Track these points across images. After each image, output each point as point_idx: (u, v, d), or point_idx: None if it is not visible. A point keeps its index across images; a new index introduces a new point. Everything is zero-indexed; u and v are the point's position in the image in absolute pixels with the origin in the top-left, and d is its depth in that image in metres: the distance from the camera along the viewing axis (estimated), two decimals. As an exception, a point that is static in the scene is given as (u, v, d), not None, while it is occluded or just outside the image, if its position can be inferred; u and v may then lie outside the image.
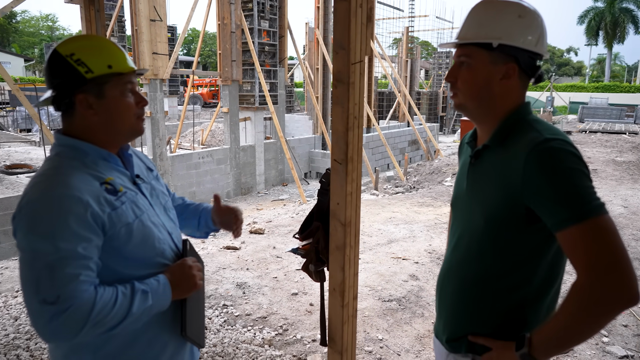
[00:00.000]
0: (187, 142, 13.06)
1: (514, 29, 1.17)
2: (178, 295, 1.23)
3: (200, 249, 5.39)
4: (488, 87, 1.20)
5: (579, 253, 1.02)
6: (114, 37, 11.88)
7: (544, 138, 1.09)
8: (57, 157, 1.18)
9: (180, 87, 22.45)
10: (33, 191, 1.09)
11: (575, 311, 1.02)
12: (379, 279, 4.39)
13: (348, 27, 1.76)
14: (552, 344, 1.08)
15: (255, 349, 3.09)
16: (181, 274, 1.25)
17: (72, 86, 1.15)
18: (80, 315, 1.01)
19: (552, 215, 1.05)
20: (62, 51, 1.16)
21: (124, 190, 1.19)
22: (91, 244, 1.07)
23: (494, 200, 1.17)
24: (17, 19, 51.22)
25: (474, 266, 1.25)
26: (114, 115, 1.20)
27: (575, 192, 1.02)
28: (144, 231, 1.20)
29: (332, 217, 1.97)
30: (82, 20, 3.36)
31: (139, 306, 1.11)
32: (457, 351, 1.29)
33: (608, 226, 1.01)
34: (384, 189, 11.05)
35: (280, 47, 11.07)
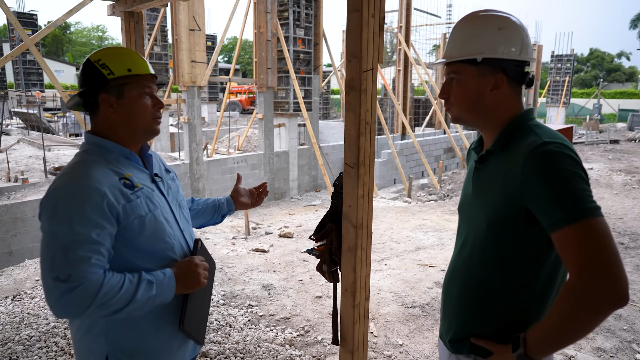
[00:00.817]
0: (223, 148, 13.42)
1: (495, 42, 1.22)
2: (182, 289, 1.32)
3: (230, 251, 5.56)
4: (480, 99, 1.26)
5: (571, 253, 1.04)
6: (157, 46, 12.41)
7: (542, 141, 1.12)
8: (84, 153, 1.32)
9: (220, 94, 23.10)
10: (59, 181, 1.22)
11: (567, 310, 1.04)
12: (404, 285, 4.39)
13: (360, 36, 1.83)
14: (546, 343, 1.10)
15: (276, 348, 3.17)
16: (187, 270, 1.32)
17: (97, 87, 1.30)
18: (87, 294, 1.12)
19: (547, 216, 1.08)
20: (92, 58, 1.33)
21: (141, 186, 1.32)
22: (104, 231, 1.19)
23: (496, 203, 1.20)
24: (71, 30, 54.23)
25: (477, 269, 1.28)
26: (131, 114, 1.33)
27: (571, 194, 1.05)
28: (156, 225, 1.31)
29: (345, 219, 2.04)
30: (122, 31, 3.59)
31: (143, 294, 1.20)
32: (460, 352, 1.32)
33: (601, 228, 1.02)
34: (417, 196, 10.95)
35: (315, 54, 11.23)
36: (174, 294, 1.29)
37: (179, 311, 1.36)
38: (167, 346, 1.36)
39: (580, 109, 31.13)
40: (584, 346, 3.31)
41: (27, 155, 9.97)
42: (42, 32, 7.12)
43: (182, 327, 1.35)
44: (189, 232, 1.48)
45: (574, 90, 39.80)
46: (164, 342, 1.35)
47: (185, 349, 1.44)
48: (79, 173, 1.23)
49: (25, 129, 14.88)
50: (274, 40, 9.96)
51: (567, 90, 25.43)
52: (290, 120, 10.93)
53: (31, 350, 3.08)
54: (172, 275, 1.29)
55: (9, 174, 7.88)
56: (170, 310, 1.35)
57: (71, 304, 1.12)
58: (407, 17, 13.78)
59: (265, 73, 10.05)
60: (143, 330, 1.31)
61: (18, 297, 4.02)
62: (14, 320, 3.54)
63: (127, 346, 1.30)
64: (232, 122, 20.23)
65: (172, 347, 1.37)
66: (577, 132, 22.22)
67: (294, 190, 11.35)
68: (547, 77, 27.22)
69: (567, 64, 25.75)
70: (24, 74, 18.24)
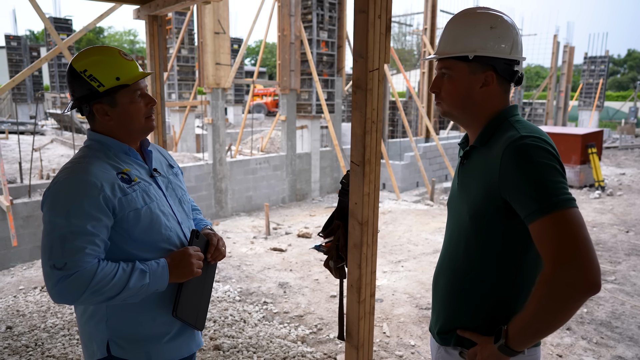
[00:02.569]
0: (247, 149, 13.61)
1: (487, 40, 1.24)
2: (175, 278, 1.37)
3: (248, 250, 5.64)
4: (469, 95, 1.28)
5: (545, 244, 1.06)
6: (184, 49, 12.69)
7: (519, 135, 1.15)
8: (87, 148, 1.40)
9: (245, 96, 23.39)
10: (61, 175, 1.31)
11: (542, 300, 1.06)
12: (419, 287, 4.38)
13: (366, 36, 1.86)
14: (524, 333, 1.12)
15: (288, 344, 3.22)
16: (180, 260, 1.37)
17: (89, 98, 1.35)
18: (82, 281, 1.20)
19: (523, 208, 1.11)
20: (76, 67, 1.35)
21: (138, 180, 1.38)
22: (100, 223, 1.26)
23: (477, 197, 1.23)
24: (104, 34, 55.95)
25: (461, 261, 1.31)
26: (126, 119, 1.39)
27: (544, 185, 1.07)
28: (152, 217, 1.37)
29: (351, 216, 2.07)
30: (147, 34, 3.72)
31: (136, 282, 1.27)
32: (447, 344, 1.35)
33: (573, 219, 1.04)
34: (440, 200, 10.83)
35: (338, 57, 11.28)
36: (167, 283, 1.35)
37: (174, 299, 1.42)
38: (165, 332, 1.42)
39: (615, 113, 30.12)
40: (604, 354, 3.23)
41: (60, 154, 10.36)
42: (74, 36, 7.41)
43: (175, 314, 1.40)
44: (188, 226, 1.53)
45: (609, 93, 38.49)
46: (161, 329, 1.41)
47: (187, 337, 1.49)
48: (79, 168, 1.30)
49: (59, 129, 15.45)
50: (297, 42, 10.05)
51: (601, 93, 24.65)
52: (312, 122, 10.99)
53: (55, 337, 3.22)
54: (165, 265, 1.34)
55: (41, 172, 8.21)
56: (166, 298, 1.41)
57: (66, 291, 1.20)
58: (432, 19, 13.67)
59: (288, 75, 10.15)
60: (141, 318, 1.37)
61: (45, 288, 4.20)
62: (41, 309, 3.71)
63: (127, 332, 1.36)
64: (257, 124, 20.47)
65: (170, 334, 1.42)
66: (611, 136, 21.51)
67: (316, 192, 11.40)
68: (579, 79, 26.46)
69: (601, 65, 24.95)
70: (59, 77, 18.94)
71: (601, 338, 3.44)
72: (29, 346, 3.12)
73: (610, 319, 3.76)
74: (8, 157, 9.80)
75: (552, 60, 20.28)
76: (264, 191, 9.94)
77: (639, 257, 5.33)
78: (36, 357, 2.99)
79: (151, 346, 1.39)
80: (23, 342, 3.17)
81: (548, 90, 20.49)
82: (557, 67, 20.86)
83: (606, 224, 6.85)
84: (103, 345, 1.35)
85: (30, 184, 6.61)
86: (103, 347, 1.35)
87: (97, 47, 1.43)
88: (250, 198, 9.64)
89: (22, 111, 20.48)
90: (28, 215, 6.22)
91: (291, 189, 10.64)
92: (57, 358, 2.96)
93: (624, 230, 6.46)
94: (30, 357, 2.98)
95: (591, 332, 3.54)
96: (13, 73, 20.47)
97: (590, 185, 9.96)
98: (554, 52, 20.23)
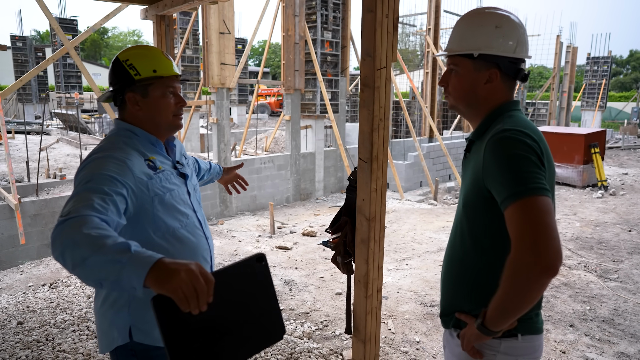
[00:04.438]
0: (251, 149, 13.66)
1: (492, 39, 1.31)
2: (153, 284, 0.94)
3: (254, 248, 5.69)
4: (474, 91, 1.35)
5: (511, 228, 1.13)
6: (189, 49, 12.77)
7: (502, 128, 1.23)
8: (116, 135, 1.46)
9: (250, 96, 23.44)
10: (96, 153, 1.36)
11: (508, 283, 1.13)
12: (424, 284, 4.41)
13: (374, 36, 1.91)
14: (496, 313, 1.19)
15: (295, 340, 3.27)
16: (175, 268, 0.93)
17: (124, 85, 1.44)
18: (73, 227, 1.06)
19: (498, 196, 1.18)
20: (121, 57, 1.46)
21: (163, 169, 1.45)
22: (118, 190, 1.24)
23: (469, 187, 1.32)
24: (109, 35, 56.19)
25: (457, 248, 1.39)
26: (155, 112, 1.47)
27: (516, 175, 1.14)
28: (171, 204, 1.43)
29: (358, 212, 2.11)
30: (154, 33, 3.77)
31: (113, 252, 1.00)
32: (447, 326, 1.43)
33: (539, 206, 1.10)
34: (444, 199, 10.85)
35: (342, 57, 11.32)
36: (141, 282, 0.95)
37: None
38: None
39: (617, 113, 30.05)
40: (607, 350, 3.26)
41: (66, 154, 10.44)
42: (81, 36, 7.48)
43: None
44: (201, 213, 1.61)
45: (612, 94, 38.38)
46: None
47: None
48: (111, 148, 1.37)
49: (64, 129, 15.55)
50: (302, 43, 10.10)
51: (604, 93, 24.60)
52: (316, 122, 11.04)
53: (65, 332, 3.28)
54: (154, 258, 0.97)
55: (48, 171, 8.28)
56: None
57: (57, 236, 1.07)
58: (436, 20, 13.69)
59: (293, 75, 10.20)
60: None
61: (54, 285, 4.26)
62: (51, 305, 3.76)
63: (148, 317, 1.40)
64: (260, 124, 20.53)
65: None
66: (614, 136, 21.47)
67: (320, 191, 11.44)
68: (582, 80, 26.40)
69: (604, 66, 24.90)
70: (64, 77, 19.05)
71: (604, 335, 3.47)
72: (40, 341, 3.17)
73: (613, 316, 3.78)
74: (15, 156, 9.88)
75: (555, 60, 20.25)
76: (269, 190, 9.99)
77: (642, 256, 5.35)
78: (47, 351, 3.04)
79: None
80: (34, 337, 3.22)
81: (551, 91, 20.47)
82: (560, 68, 20.83)
83: (609, 223, 6.86)
84: (125, 332, 1.40)
85: (37, 182, 6.68)
86: (125, 334, 1.40)
87: (143, 45, 1.53)
88: (255, 197, 9.69)
89: (28, 111, 20.61)
90: (36, 214, 6.28)
91: (295, 189, 10.69)
92: (68, 353, 3.02)
93: (627, 230, 6.48)
94: (42, 352, 3.03)
95: (594, 329, 3.57)
96: (19, 73, 20.59)
97: (593, 185, 9.97)
98: (557, 52, 20.21)
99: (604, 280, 4.57)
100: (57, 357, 2.97)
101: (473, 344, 1.30)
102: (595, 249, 5.64)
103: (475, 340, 1.29)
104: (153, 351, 1.43)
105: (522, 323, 1.28)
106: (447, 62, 1.43)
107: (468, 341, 1.30)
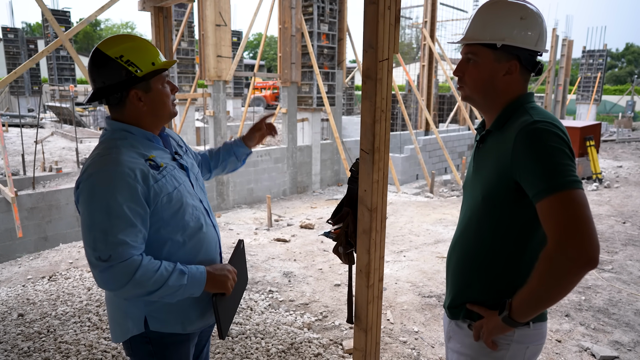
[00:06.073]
0: (248, 142, 13.64)
1: (516, 30, 1.29)
2: (210, 288, 1.42)
3: (252, 240, 5.71)
4: (492, 82, 1.33)
5: (549, 222, 1.14)
6: (184, 42, 12.69)
7: (532, 120, 1.21)
8: (111, 139, 1.41)
9: (245, 90, 23.36)
10: (92, 167, 1.32)
11: (543, 274, 1.14)
12: (422, 276, 4.46)
13: (376, 27, 1.91)
14: (527, 305, 1.20)
15: (295, 331, 3.30)
16: (219, 273, 1.44)
17: (126, 84, 1.37)
18: (126, 272, 1.26)
19: (532, 188, 1.17)
20: (110, 53, 1.36)
21: (165, 165, 1.42)
22: (138, 214, 1.30)
23: (491, 178, 1.30)
24: (102, 27, 55.67)
25: (472, 240, 1.38)
26: (158, 104, 1.44)
27: (553, 167, 1.13)
28: (181, 200, 1.42)
29: (360, 203, 2.13)
30: (152, 25, 3.76)
31: (175, 281, 1.32)
32: (456, 317, 1.43)
33: (577, 199, 1.11)
34: (440, 192, 10.92)
35: (339, 49, 11.30)
36: (202, 290, 1.40)
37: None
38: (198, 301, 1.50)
39: (612, 106, 30.22)
40: (601, 339, 3.32)
41: (61, 147, 10.38)
42: (76, 27, 7.42)
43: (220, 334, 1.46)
44: (206, 201, 1.60)
45: (607, 87, 38.52)
46: (190, 304, 1.49)
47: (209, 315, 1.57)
48: (110, 159, 1.31)
49: (58, 122, 15.45)
50: (298, 35, 10.07)
51: (599, 86, 24.72)
52: (313, 115, 11.03)
53: (66, 324, 3.29)
54: (204, 272, 1.40)
55: (44, 164, 8.24)
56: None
57: (111, 280, 1.27)
58: (432, 12, 13.67)
59: (289, 68, 10.18)
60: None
61: (54, 278, 4.27)
62: (51, 297, 3.77)
63: (166, 306, 1.42)
64: (256, 117, 20.48)
65: (201, 304, 1.51)
66: (609, 129, 21.60)
67: (317, 184, 11.47)
68: (577, 73, 26.50)
69: (599, 59, 25.00)
70: (57, 70, 18.89)
71: (599, 324, 3.53)
72: (41, 332, 3.19)
73: (608, 306, 3.84)
74: (9, 149, 9.82)
75: (551, 53, 20.32)
76: (265, 183, 10.00)
77: (635, 247, 5.42)
78: (49, 343, 3.05)
79: (185, 316, 1.46)
80: (35, 329, 3.23)
81: (547, 84, 20.54)
82: (556, 61, 20.89)
83: (604, 215, 6.94)
84: (140, 322, 1.41)
85: (34, 176, 6.65)
86: (140, 324, 1.41)
87: (124, 35, 1.45)
88: (252, 190, 9.70)
89: (20, 104, 20.44)
90: (32, 207, 6.27)
91: (292, 182, 10.70)
92: (70, 344, 3.03)
93: (621, 222, 6.55)
94: (44, 343, 3.05)
95: (589, 318, 3.62)
96: (10, 66, 20.38)
97: (588, 177, 10.05)
98: (553, 45, 20.25)
99: (599, 271, 4.64)
100: (59, 348, 2.98)
101: (495, 335, 1.29)
102: (590, 240, 5.70)
103: (498, 332, 1.28)
104: (167, 338, 1.45)
105: None
106: (462, 50, 1.39)
107: (489, 333, 1.29)
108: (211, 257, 1.53)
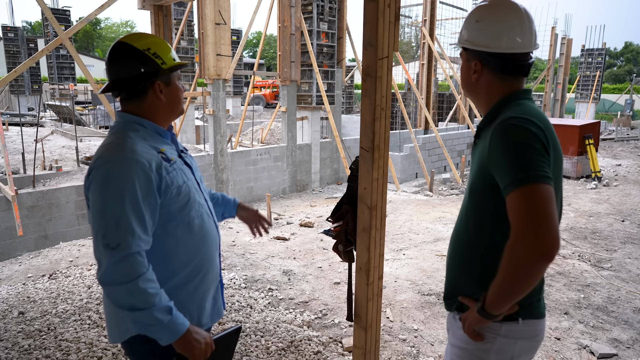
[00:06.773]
0: (247, 140, 13.64)
1: (472, 33, 1.38)
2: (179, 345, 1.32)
3: (252, 238, 5.72)
4: (468, 80, 1.44)
5: (512, 214, 1.17)
6: (184, 40, 12.68)
7: (509, 116, 1.25)
8: (123, 130, 1.42)
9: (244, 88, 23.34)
10: (106, 154, 1.32)
11: (505, 266, 1.17)
12: (421, 274, 4.47)
13: (376, 25, 1.92)
14: (496, 297, 1.23)
15: (294, 329, 3.31)
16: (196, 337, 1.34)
17: (151, 75, 1.42)
18: (132, 270, 1.25)
19: (501, 182, 1.21)
20: (138, 46, 1.41)
21: (174, 160, 1.45)
22: (150, 205, 1.32)
23: (475, 173, 1.35)
24: (101, 26, 55.56)
25: (462, 233, 1.43)
26: (175, 98, 1.50)
27: (519, 162, 1.16)
28: (189, 194, 1.45)
29: (360, 201, 2.14)
30: (152, 24, 3.76)
31: (159, 313, 1.27)
32: (450, 309, 1.47)
33: (540, 193, 1.13)
34: (439, 190, 10.92)
35: (338, 48, 11.29)
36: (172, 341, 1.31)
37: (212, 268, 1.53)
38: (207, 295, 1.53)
39: (611, 105, 30.22)
40: (600, 337, 3.33)
41: (61, 146, 10.37)
42: (76, 26, 7.41)
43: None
44: (210, 203, 1.62)
45: (605, 86, 38.49)
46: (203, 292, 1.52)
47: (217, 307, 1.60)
48: (125, 148, 1.32)
49: (58, 121, 15.44)
50: (298, 34, 10.07)
51: (598, 85, 24.71)
52: (313, 114, 11.03)
53: (67, 322, 3.30)
54: (186, 326, 1.32)
55: (44, 163, 8.24)
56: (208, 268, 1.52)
57: (116, 273, 1.24)
58: (431, 11, 13.66)
59: (289, 66, 10.17)
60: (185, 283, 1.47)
61: (54, 276, 4.27)
62: (51, 295, 3.78)
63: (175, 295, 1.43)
64: (256, 115, 20.49)
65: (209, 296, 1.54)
66: (607, 128, 21.61)
67: (316, 183, 11.47)
68: (576, 72, 26.49)
69: (598, 58, 24.99)
70: (57, 68, 18.87)
71: (598, 322, 3.54)
72: (42, 330, 3.19)
73: (607, 303, 3.86)
74: (9, 148, 9.81)
75: (550, 52, 20.31)
76: (265, 182, 10.01)
77: (634, 245, 5.43)
78: (49, 340, 3.06)
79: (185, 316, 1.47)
80: (36, 326, 3.24)
81: (546, 82, 20.54)
82: (555, 59, 20.89)
83: (602, 213, 6.95)
84: None
85: (34, 174, 6.65)
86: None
87: (143, 33, 1.50)
88: (251, 189, 9.70)
89: (20, 103, 20.42)
90: (32, 205, 6.27)
91: (292, 180, 10.71)
92: (71, 342, 3.04)
93: (620, 220, 6.56)
94: (44, 341, 3.06)
95: (588, 316, 3.64)
96: (11, 64, 20.36)
97: (587, 176, 10.06)
98: (552, 44, 20.25)
99: (598, 269, 4.65)
100: (59, 346, 2.99)
101: (474, 327, 1.33)
102: (589, 238, 5.72)
103: (476, 324, 1.32)
104: None
105: (523, 308, 1.31)
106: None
107: (469, 324, 1.33)
108: (211, 256, 1.54)
